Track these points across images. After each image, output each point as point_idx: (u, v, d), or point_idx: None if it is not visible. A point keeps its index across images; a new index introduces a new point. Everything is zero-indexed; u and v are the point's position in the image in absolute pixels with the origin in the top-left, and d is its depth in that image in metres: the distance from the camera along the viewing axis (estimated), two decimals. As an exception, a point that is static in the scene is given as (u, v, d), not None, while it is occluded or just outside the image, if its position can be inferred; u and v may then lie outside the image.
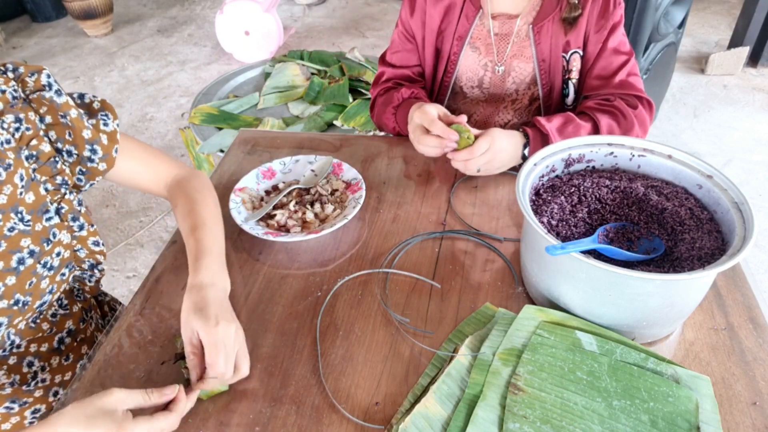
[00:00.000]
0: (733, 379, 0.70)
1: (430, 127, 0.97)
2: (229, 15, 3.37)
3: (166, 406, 0.65)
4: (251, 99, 2.37)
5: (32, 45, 3.99)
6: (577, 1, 1.06)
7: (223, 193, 1.05)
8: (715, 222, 0.76)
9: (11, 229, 0.72)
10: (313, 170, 1.07)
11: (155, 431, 0.62)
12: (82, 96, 0.84)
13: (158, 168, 0.91)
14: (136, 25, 4.23)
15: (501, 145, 0.97)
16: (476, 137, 0.96)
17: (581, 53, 1.12)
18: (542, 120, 1.02)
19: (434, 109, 0.99)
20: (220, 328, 0.68)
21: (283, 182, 1.07)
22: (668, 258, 0.75)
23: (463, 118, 0.98)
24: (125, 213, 2.47)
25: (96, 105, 0.84)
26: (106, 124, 0.83)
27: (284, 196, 1.01)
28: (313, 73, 2.56)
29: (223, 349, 0.68)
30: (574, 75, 1.14)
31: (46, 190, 0.77)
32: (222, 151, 2.05)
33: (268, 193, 1.04)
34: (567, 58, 1.12)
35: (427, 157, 1.10)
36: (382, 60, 1.26)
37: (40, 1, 4.18)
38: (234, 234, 0.96)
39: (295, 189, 1.02)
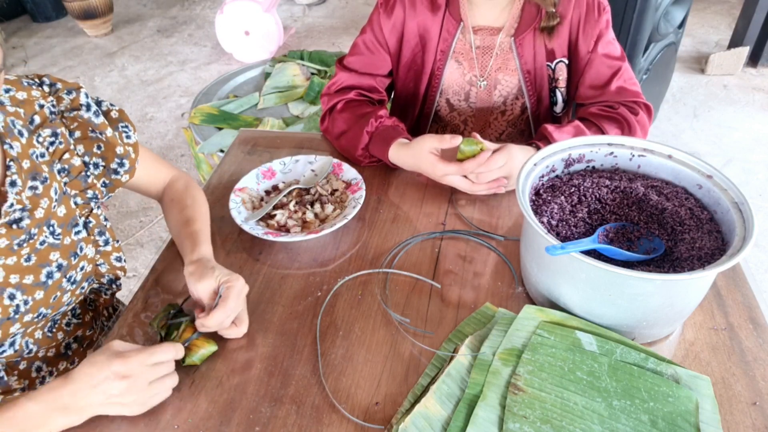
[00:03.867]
0: (733, 379, 0.70)
1: (444, 143, 0.95)
2: (229, 15, 3.37)
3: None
4: (251, 99, 2.37)
5: (32, 45, 3.98)
6: (554, 11, 1.05)
7: (223, 193, 1.05)
8: (715, 222, 0.76)
9: (42, 243, 0.73)
10: (313, 170, 1.07)
11: (148, 363, 0.66)
12: (99, 103, 0.84)
13: (160, 173, 0.94)
14: (136, 25, 4.23)
15: (519, 160, 0.94)
16: (493, 152, 0.94)
17: (567, 62, 1.11)
18: (554, 133, 1.01)
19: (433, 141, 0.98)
20: (234, 277, 0.75)
21: (283, 182, 1.07)
22: (668, 258, 0.75)
23: (458, 139, 0.95)
24: (125, 213, 2.47)
25: (114, 114, 0.85)
26: (128, 137, 0.85)
27: (284, 196, 1.01)
28: (313, 73, 2.56)
29: (236, 297, 0.74)
30: (561, 84, 1.14)
31: (76, 204, 0.78)
32: (222, 151, 2.05)
33: (268, 193, 1.04)
34: (552, 67, 1.12)
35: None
36: (341, 65, 1.17)
37: (40, 1, 4.18)
38: (234, 234, 0.96)
39: (295, 189, 1.02)
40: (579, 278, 0.70)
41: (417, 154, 0.99)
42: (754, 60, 3.16)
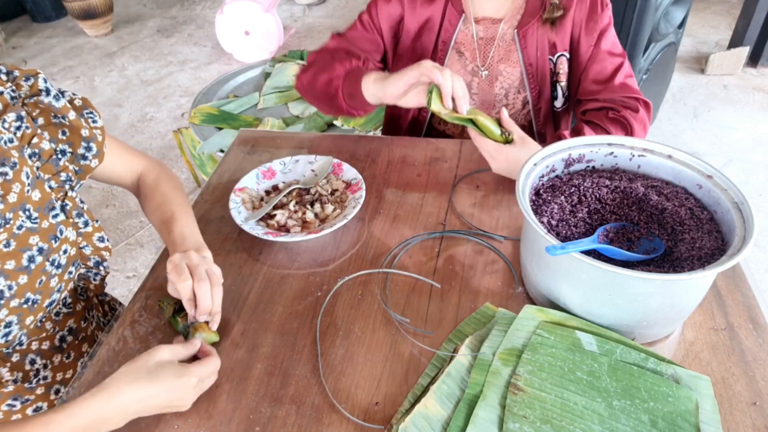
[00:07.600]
0: (733, 379, 0.70)
1: (443, 77, 0.90)
2: (229, 15, 3.37)
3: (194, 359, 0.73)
4: (251, 99, 2.37)
5: (32, 45, 3.99)
6: (558, 2, 1.05)
7: (223, 193, 1.05)
8: (715, 222, 0.76)
9: (19, 227, 0.73)
10: (313, 170, 1.07)
11: (210, 372, 0.70)
12: (62, 92, 0.84)
13: (132, 162, 0.93)
14: (136, 25, 4.23)
15: (511, 158, 0.97)
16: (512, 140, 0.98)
17: (568, 56, 1.11)
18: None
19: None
20: (191, 252, 0.77)
21: (283, 182, 1.07)
22: (668, 258, 0.75)
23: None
24: (125, 213, 2.47)
25: (78, 102, 0.85)
26: (95, 121, 0.85)
27: (284, 196, 1.01)
28: (313, 73, 2.56)
29: (185, 264, 0.75)
30: (562, 78, 1.14)
31: (51, 187, 0.78)
32: (222, 151, 2.05)
33: (268, 193, 1.04)
34: (554, 61, 1.12)
35: (427, 157, 1.10)
36: (335, 34, 1.18)
37: (40, 1, 4.18)
38: (234, 234, 0.96)
39: (295, 189, 1.02)
40: (579, 278, 0.70)
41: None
42: (754, 60, 3.16)
